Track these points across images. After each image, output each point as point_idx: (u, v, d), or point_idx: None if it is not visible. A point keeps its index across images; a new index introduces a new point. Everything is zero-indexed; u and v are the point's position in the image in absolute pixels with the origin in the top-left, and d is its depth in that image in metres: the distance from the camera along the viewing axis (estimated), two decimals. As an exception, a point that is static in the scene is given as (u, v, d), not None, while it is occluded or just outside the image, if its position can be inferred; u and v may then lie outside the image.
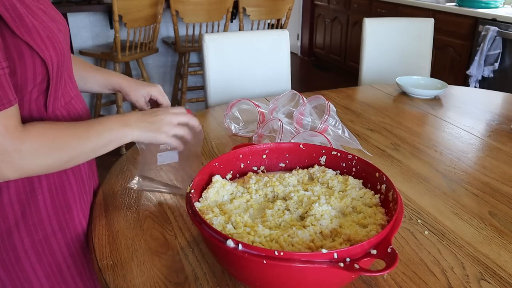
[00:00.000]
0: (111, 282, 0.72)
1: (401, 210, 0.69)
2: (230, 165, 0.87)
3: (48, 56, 0.70)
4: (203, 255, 0.78)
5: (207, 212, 0.72)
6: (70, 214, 0.82)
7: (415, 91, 1.67)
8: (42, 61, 0.69)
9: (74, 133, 0.73)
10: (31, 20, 0.68)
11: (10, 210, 0.75)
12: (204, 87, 1.84)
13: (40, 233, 0.78)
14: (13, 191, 0.74)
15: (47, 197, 0.78)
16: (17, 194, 0.75)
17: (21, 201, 0.75)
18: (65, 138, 0.71)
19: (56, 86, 0.76)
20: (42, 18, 0.71)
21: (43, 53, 0.69)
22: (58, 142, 0.70)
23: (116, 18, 2.63)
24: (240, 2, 3.14)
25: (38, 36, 0.68)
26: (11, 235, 0.76)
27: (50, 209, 0.79)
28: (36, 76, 0.70)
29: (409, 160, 1.16)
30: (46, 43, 0.69)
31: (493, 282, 0.73)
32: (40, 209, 0.78)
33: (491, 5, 3.23)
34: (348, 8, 4.65)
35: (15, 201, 0.75)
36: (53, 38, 0.71)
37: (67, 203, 0.82)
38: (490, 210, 0.94)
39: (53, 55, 0.71)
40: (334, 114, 1.27)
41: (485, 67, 3.02)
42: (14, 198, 0.75)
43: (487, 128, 1.40)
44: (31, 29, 0.67)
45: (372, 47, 2.17)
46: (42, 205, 0.78)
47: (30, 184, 0.76)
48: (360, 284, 0.71)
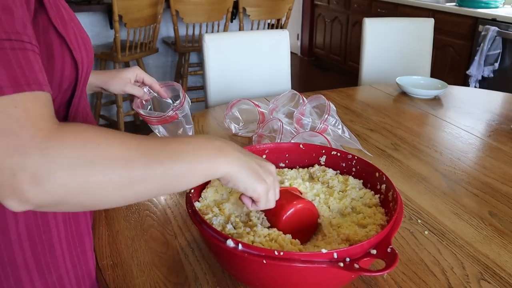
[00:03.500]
0: (111, 282, 0.72)
1: (401, 210, 0.69)
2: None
3: (80, 57, 0.57)
4: (203, 255, 0.78)
5: (207, 212, 0.72)
6: (82, 248, 0.68)
7: (415, 91, 1.67)
8: (73, 62, 0.56)
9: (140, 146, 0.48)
10: (66, 14, 0.57)
11: (18, 249, 0.58)
12: (204, 87, 1.84)
13: (54, 274, 0.63)
14: (22, 227, 0.58)
15: (62, 229, 0.63)
16: (27, 228, 0.58)
17: (32, 237, 0.59)
18: (122, 151, 0.47)
19: (81, 96, 0.63)
20: (71, 15, 0.60)
21: (75, 52, 0.56)
22: (110, 154, 0.45)
23: (116, 18, 2.63)
24: (240, 2, 3.14)
25: (72, 32, 0.56)
26: (20, 279, 0.60)
27: (64, 244, 0.64)
28: (64, 80, 0.56)
29: (409, 160, 1.16)
30: (79, 42, 0.57)
31: (493, 282, 0.73)
32: (53, 245, 0.62)
33: (491, 5, 3.23)
34: (348, 8, 4.65)
35: (25, 237, 0.58)
36: (85, 38, 0.61)
37: (79, 235, 0.67)
38: (490, 210, 0.94)
39: (84, 58, 0.59)
40: (334, 113, 1.27)
41: (485, 67, 3.02)
42: (23, 234, 0.58)
43: (487, 128, 1.40)
44: (67, 22, 0.56)
45: (372, 47, 2.17)
46: (56, 240, 0.62)
47: (43, 216, 0.60)
48: (360, 284, 0.71)
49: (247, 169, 0.57)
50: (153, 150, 0.49)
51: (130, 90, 0.95)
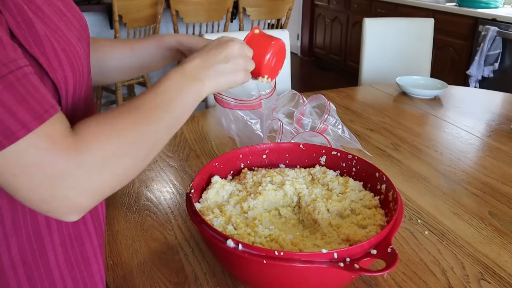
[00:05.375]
0: (111, 282, 0.72)
1: (401, 210, 0.69)
2: (230, 165, 0.87)
3: (62, 77, 0.51)
4: (203, 255, 0.78)
5: (208, 213, 0.72)
6: (88, 271, 0.64)
7: (415, 91, 1.67)
8: (52, 83, 0.51)
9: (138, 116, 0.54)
10: (42, 28, 0.50)
11: (12, 275, 0.55)
12: (204, 87, 1.83)
13: None
14: (15, 252, 0.55)
15: (60, 252, 0.59)
16: (21, 253, 0.55)
17: (26, 263, 0.56)
18: (131, 127, 0.52)
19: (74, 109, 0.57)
20: (57, 24, 0.53)
21: (54, 73, 0.50)
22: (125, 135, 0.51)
23: (116, 18, 2.63)
24: (240, 2, 3.14)
25: (51, 50, 0.50)
26: None
27: (64, 268, 0.60)
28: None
29: (409, 160, 1.16)
30: (60, 59, 0.51)
31: (493, 282, 0.73)
32: (51, 269, 0.59)
33: (491, 5, 3.23)
34: (348, 8, 4.65)
35: (19, 263, 0.56)
36: (70, 50, 0.53)
37: (84, 258, 0.63)
38: (490, 210, 0.94)
39: (69, 75, 0.53)
40: (335, 113, 1.27)
41: (485, 67, 3.02)
42: (17, 259, 0.55)
43: (487, 128, 1.40)
44: (43, 39, 0.49)
45: (372, 47, 2.17)
46: (53, 264, 0.59)
47: (39, 239, 0.56)
48: (360, 284, 0.71)
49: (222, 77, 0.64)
50: (153, 111, 0.56)
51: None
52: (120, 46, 0.80)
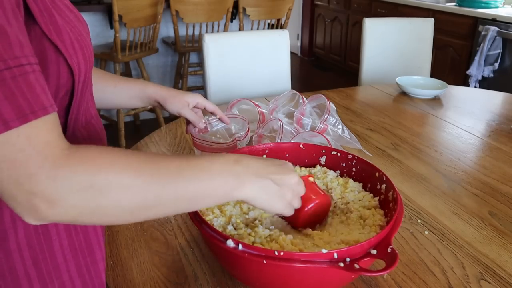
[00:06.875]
0: (111, 282, 0.72)
1: (401, 210, 0.69)
2: (230, 165, 0.87)
3: (76, 63, 0.56)
4: (203, 255, 0.78)
5: (208, 213, 0.72)
6: (91, 257, 0.66)
7: (415, 91, 1.67)
8: (68, 69, 0.55)
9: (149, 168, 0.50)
10: (60, 18, 0.55)
11: (18, 257, 0.58)
12: (204, 87, 1.84)
13: (56, 282, 0.62)
14: (22, 235, 0.58)
15: (64, 237, 0.62)
16: (27, 237, 0.58)
17: (31, 246, 0.59)
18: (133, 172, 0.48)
19: (80, 102, 0.61)
20: (69, 16, 0.58)
21: (70, 58, 0.54)
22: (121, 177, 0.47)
23: (116, 18, 2.63)
24: (240, 2, 3.14)
25: (68, 38, 0.54)
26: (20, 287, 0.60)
27: (68, 252, 0.63)
28: (60, 88, 0.56)
29: (409, 160, 1.16)
30: (75, 47, 0.55)
31: (493, 282, 0.73)
32: (54, 253, 0.61)
33: (491, 5, 3.23)
34: (348, 8, 4.65)
35: (25, 246, 0.58)
36: (82, 41, 0.58)
37: (88, 245, 0.66)
38: (490, 210, 0.94)
39: (82, 63, 0.57)
40: (335, 113, 1.27)
41: (485, 67, 3.02)
42: (23, 243, 0.58)
43: (487, 128, 1.40)
44: (61, 28, 0.54)
45: (372, 47, 2.17)
46: (57, 248, 0.61)
47: (44, 225, 0.59)
48: (360, 284, 0.71)
49: (265, 194, 0.58)
50: (168, 176, 0.50)
51: (187, 114, 0.92)
52: (105, 79, 0.84)
